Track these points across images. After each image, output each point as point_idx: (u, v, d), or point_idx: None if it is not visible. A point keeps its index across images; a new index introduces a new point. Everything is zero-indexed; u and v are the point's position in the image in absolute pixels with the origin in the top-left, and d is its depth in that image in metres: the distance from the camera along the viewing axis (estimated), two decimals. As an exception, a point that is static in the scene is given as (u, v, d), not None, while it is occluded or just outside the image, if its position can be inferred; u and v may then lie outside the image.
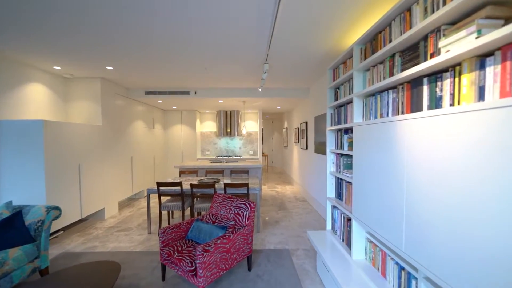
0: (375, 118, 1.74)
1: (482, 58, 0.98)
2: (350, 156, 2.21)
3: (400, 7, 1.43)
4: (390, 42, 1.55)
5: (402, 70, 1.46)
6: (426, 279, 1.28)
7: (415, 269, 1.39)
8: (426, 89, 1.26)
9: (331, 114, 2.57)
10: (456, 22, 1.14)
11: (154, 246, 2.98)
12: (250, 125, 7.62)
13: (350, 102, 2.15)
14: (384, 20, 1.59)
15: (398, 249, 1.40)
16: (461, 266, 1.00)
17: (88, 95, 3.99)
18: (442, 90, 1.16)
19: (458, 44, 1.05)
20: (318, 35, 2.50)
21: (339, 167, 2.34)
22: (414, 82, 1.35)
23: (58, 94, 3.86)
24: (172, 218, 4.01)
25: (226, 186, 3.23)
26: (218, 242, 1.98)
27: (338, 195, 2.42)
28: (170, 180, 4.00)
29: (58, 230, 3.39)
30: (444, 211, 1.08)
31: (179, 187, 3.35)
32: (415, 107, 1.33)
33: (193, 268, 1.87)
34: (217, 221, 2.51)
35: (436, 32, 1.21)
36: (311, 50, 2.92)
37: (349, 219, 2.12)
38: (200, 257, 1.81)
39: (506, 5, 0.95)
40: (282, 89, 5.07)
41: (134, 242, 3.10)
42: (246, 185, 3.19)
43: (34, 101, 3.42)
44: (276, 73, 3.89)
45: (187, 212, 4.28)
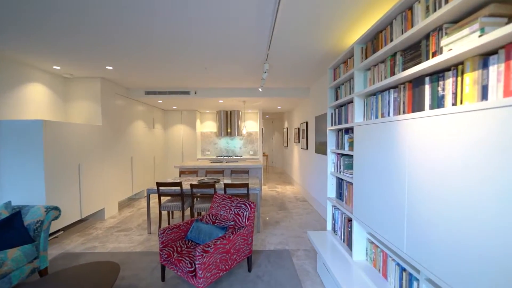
0: (376, 118, 1.73)
1: (485, 57, 0.96)
2: (350, 156, 2.20)
3: (401, 6, 1.42)
4: (391, 41, 1.53)
5: (404, 70, 1.44)
6: (427, 281, 1.26)
7: (417, 270, 1.37)
8: (428, 88, 1.25)
9: (332, 114, 2.55)
10: (458, 20, 1.13)
11: (154, 247, 2.97)
12: (251, 125, 7.61)
13: (351, 101, 2.13)
14: (385, 19, 1.57)
15: (400, 250, 1.39)
16: (462, 267, 0.98)
17: (88, 95, 3.98)
18: (444, 90, 1.15)
19: (460, 42, 1.04)
20: (318, 35, 2.49)
21: (340, 167, 2.33)
22: (416, 82, 1.34)
23: (58, 94, 3.85)
24: (172, 218, 4.01)
25: (226, 186, 3.22)
26: (218, 242, 1.97)
27: (339, 196, 2.40)
28: (170, 180, 3.99)
29: (58, 230, 3.39)
30: (445, 211, 1.07)
31: (179, 187, 3.34)
32: (417, 107, 1.32)
33: (192, 269, 1.86)
34: (217, 221, 2.50)
35: (438, 30, 1.19)
36: (312, 50, 2.91)
37: (349, 220, 2.11)
38: (199, 257, 1.80)
39: (510, 2, 0.94)
40: (282, 89, 5.05)
41: (134, 243, 3.09)
42: (246, 185, 3.17)
43: (34, 101, 3.42)
44: (276, 73, 3.88)
45: (187, 212, 4.27)
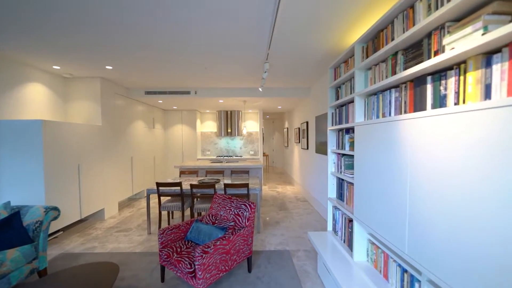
0: (377, 117, 1.71)
1: (488, 55, 0.95)
2: (351, 156, 2.18)
3: (402, 4, 1.40)
4: (393, 40, 1.52)
5: (405, 69, 1.43)
6: (429, 282, 1.25)
7: (418, 271, 1.36)
8: (429, 87, 1.23)
9: (332, 113, 2.54)
10: (461, 18, 1.11)
11: (153, 247, 2.96)
12: (251, 125, 7.60)
13: (352, 101, 2.12)
14: (386, 17, 1.56)
15: (401, 251, 1.37)
16: (464, 267, 0.97)
17: (87, 95, 3.97)
18: (446, 89, 1.13)
19: (463, 41, 1.02)
20: (318, 34, 2.47)
21: (340, 167, 2.32)
22: (417, 81, 1.32)
23: (58, 94, 3.85)
24: (172, 218, 4.00)
25: (226, 186, 3.21)
26: (218, 243, 1.96)
27: (339, 196, 2.39)
28: (170, 180, 3.98)
29: (58, 231, 3.38)
30: (447, 211, 1.05)
31: (179, 188, 3.32)
32: (419, 106, 1.30)
33: (192, 269, 1.85)
34: (216, 222, 2.49)
35: (440, 29, 1.18)
36: (312, 49, 2.90)
37: (350, 220, 2.09)
38: (199, 258, 1.79)
39: (513, 0, 0.92)
40: (282, 88, 5.04)
41: (134, 243, 3.08)
42: (247, 185, 3.16)
43: (33, 101, 3.41)
44: (276, 72, 3.87)
45: (187, 212, 4.26)
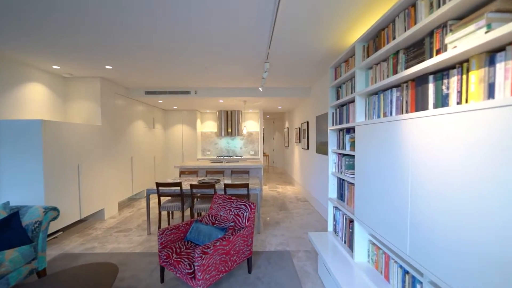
0: (378, 117, 1.70)
1: (492, 54, 0.93)
2: (352, 156, 2.17)
3: (404, 3, 1.38)
4: (394, 39, 1.50)
5: (406, 68, 1.41)
6: (431, 284, 1.23)
7: (420, 273, 1.34)
8: (431, 87, 1.22)
9: (333, 113, 2.52)
10: (463, 17, 1.10)
11: (153, 247, 2.95)
12: (251, 125, 7.58)
13: (352, 101, 2.10)
14: (387, 16, 1.54)
15: (403, 252, 1.36)
16: (466, 268, 0.95)
17: (87, 95, 3.96)
18: (448, 88, 1.12)
19: (466, 39, 1.01)
20: (319, 34, 2.46)
21: (341, 168, 2.30)
22: (419, 80, 1.31)
23: (58, 93, 3.84)
24: (172, 218, 3.99)
25: (226, 186, 3.20)
26: (217, 244, 1.94)
27: (340, 196, 2.37)
28: (170, 180, 3.97)
29: (58, 231, 3.37)
30: (450, 211, 1.04)
31: (179, 188, 3.31)
32: (420, 106, 1.29)
33: (191, 270, 1.84)
34: (216, 222, 2.47)
35: (442, 27, 1.16)
36: (312, 49, 2.88)
37: (351, 221, 2.08)
38: (198, 259, 1.78)
39: (517, -2, 0.91)
40: (283, 88, 5.02)
41: (134, 243, 3.07)
42: (247, 185, 3.15)
43: (33, 100, 3.40)
44: (277, 72, 3.85)
45: (187, 212, 4.25)
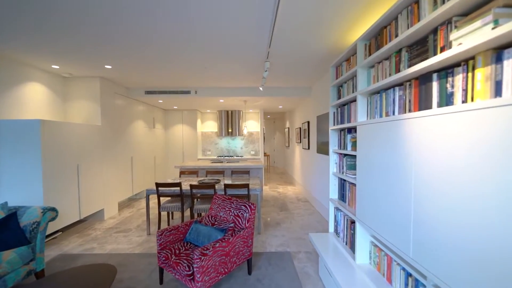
0: (380, 116, 1.67)
1: (499, 51, 0.90)
2: (353, 156, 2.13)
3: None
4: (397, 36, 1.47)
5: (409, 66, 1.38)
6: (435, 287, 1.20)
7: (424, 276, 1.31)
8: (435, 85, 1.19)
9: (334, 113, 2.49)
10: (468, 13, 1.07)
11: (153, 248, 2.93)
12: (252, 125, 7.55)
13: (354, 100, 2.07)
14: (390, 13, 1.51)
15: (406, 254, 1.33)
16: (469, 271, 0.92)
17: (87, 95, 3.95)
18: (453, 86, 1.09)
19: (471, 36, 0.98)
20: (319, 32, 2.43)
21: (342, 168, 2.27)
22: (423, 78, 1.28)
23: (57, 93, 3.82)
24: (172, 219, 3.96)
25: (226, 186, 3.17)
26: (217, 245, 1.92)
27: (341, 197, 2.34)
28: (170, 180, 3.95)
29: (57, 231, 3.35)
30: (454, 213, 1.01)
31: (179, 188, 3.29)
32: (424, 105, 1.26)
33: (190, 272, 1.81)
34: (216, 223, 2.45)
35: (446, 24, 1.13)
36: (313, 48, 2.85)
37: (352, 222, 2.05)
38: (197, 261, 1.75)
39: (525, -8, 0.88)
40: (283, 88, 5.00)
41: (133, 244, 3.05)
42: (247, 185, 3.12)
43: (32, 100, 3.39)
44: (277, 71, 3.83)
45: (187, 213, 4.23)
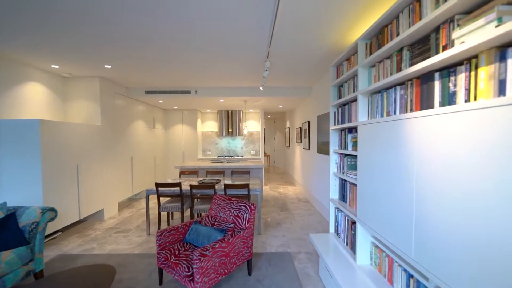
0: (381, 116, 1.65)
1: (503, 49, 0.88)
2: (354, 156, 2.12)
3: (408, -2, 1.34)
4: (398, 35, 1.46)
5: (411, 65, 1.37)
6: (437, 289, 1.19)
7: (425, 277, 1.29)
8: (437, 84, 1.17)
9: (335, 113, 2.48)
10: (471, 10, 1.05)
11: (152, 249, 2.91)
12: (252, 124, 7.54)
13: (355, 100, 2.06)
14: (391, 12, 1.50)
15: (407, 256, 1.31)
16: (473, 273, 0.91)
17: (87, 95, 3.94)
18: (456, 85, 1.07)
19: (474, 34, 0.96)
20: (320, 31, 2.41)
21: (343, 168, 2.26)
22: (424, 78, 1.26)
23: (57, 93, 3.82)
24: (172, 219, 3.95)
25: (226, 187, 3.16)
26: (217, 246, 1.90)
27: (342, 197, 2.33)
28: (170, 180, 3.94)
29: (57, 231, 3.34)
30: (456, 213, 0.99)
31: (178, 188, 3.28)
32: (425, 104, 1.24)
33: (190, 273, 1.80)
34: (216, 223, 2.43)
35: (449, 22, 1.11)
36: (313, 47, 2.83)
37: (353, 222, 2.03)
38: (197, 262, 1.74)
39: (530, -11, 0.86)
40: (283, 88, 4.98)
41: (133, 244, 3.04)
42: (247, 186, 3.11)
43: (32, 100, 3.38)
44: (277, 71, 3.81)
45: (187, 213, 4.22)
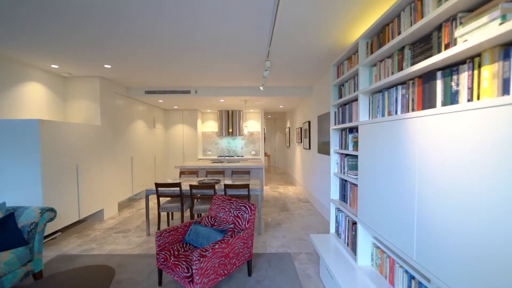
0: (383, 116, 1.64)
1: (506, 47, 0.87)
2: (355, 156, 2.10)
3: (410, -4, 1.33)
4: (399, 34, 1.44)
5: (413, 64, 1.35)
6: (439, 291, 1.17)
7: (427, 279, 1.28)
8: (439, 83, 1.15)
9: (335, 112, 2.46)
10: (474, 8, 1.03)
11: (152, 249, 2.90)
12: (252, 124, 7.53)
13: (355, 99, 2.04)
14: (392, 11, 1.48)
15: (409, 257, 1.29)
16: (476, 274, 0.89)
17: (87, 94, 3.93)
18: (458, 84, 1.06)
19: (478, 32, 0.95)
20: (320, 31, 2.40)
21: (344, 168, 2.24)
22: (426, 77, 1.25)
23: (57, 93, 3.81)
24: (172, 219, 3.94)
25: (226, 187, 3.15)
26: (216, 246, 1.89)
27: (343, 197, 2.31)
28: (169, 180, 3.92)
29: (56, 231, 3.33)
30: (459, 214, 0.97)
31: (178, 188, 3.27)
32: (427, 104, 1.23)
33: (189, 274, 1.78)
34: (216, 224, 2.42)
35: (451, 20, 1.10)
36: (314, 46, 2.82)
37: (354, 223, 2.01)
38: (196, 262, 1.72)
39: (535, -14, 0.84)
40: (284, 87, 4.97)
41: (132, 245, 3.03)
42: (247, 186, 3.10)
43: (32, 100, 3.37)
44: (277, 71, 3.80)
45: (187, 213, 4.21)
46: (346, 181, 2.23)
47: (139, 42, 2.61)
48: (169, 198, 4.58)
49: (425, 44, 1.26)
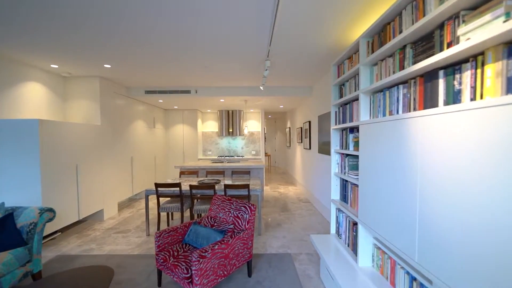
0: (384, 115, 1.62)
1: (510, 45, 0.85)
2: (355, 156, 2.09)
3: (411, -6, 1.31)
4: (401, 32, 1.42)
5: (414, 63, 1.34)
6: (441, 293, 1.15)
7: (429, 280, 1.26)
8: (442, 82, 1.14)
9: (336, 112, 2.45)
10: (477, 6, 1.02)
11: (151, 249, 2.89)
12: (252, 124, 7.51)
13: (356, 99, 2.03)
14: (393, 9, 1.47)
15: (411, 258, 1.28)
16: (478, 276, 0.87)
17: (86, 94, 3.92)
18: (461, 83, 1.04)
19: (481, 30, 0.93)
20: (321, 30, 2.38)
21: (344, 168, 2.23)
22: (428, 76, 1.23)
23: (57, 93, 3.80)
24: (171, 220, 3.93)
25: (226, 187, 3.13)
26: (216, 247, 1.88)
27: (343, 198, 2.30)
28: (169, 181, 3.91)
29: (56, 232, 3.32)
30: (461, 214, 0.96)
31: (178, 188, 3.26)
32: (429, 103, 1.21)
33: (189, 275, 1.77)
34: (215, 224, 2.41)
35: (454, 18, 1.08)
36: (314, 46, 2.80)
37: (355, 223, 2.00)
38: (196, 263, 1.71)
39: (539, -17, 0.83)
40: (284, 87, 4.95)
41: (132, 245, 3.02)
42: (247, 186, 3.08)
43: (32, 100, 3.37)
44: (278, 70, 3.78)
45: (187, 213, 4.20)
46: (346, 181, 2.21)
47: (139, 42, 2.61)
48: (169, 198, 4.56)
49: (427, 42, 1.25)
